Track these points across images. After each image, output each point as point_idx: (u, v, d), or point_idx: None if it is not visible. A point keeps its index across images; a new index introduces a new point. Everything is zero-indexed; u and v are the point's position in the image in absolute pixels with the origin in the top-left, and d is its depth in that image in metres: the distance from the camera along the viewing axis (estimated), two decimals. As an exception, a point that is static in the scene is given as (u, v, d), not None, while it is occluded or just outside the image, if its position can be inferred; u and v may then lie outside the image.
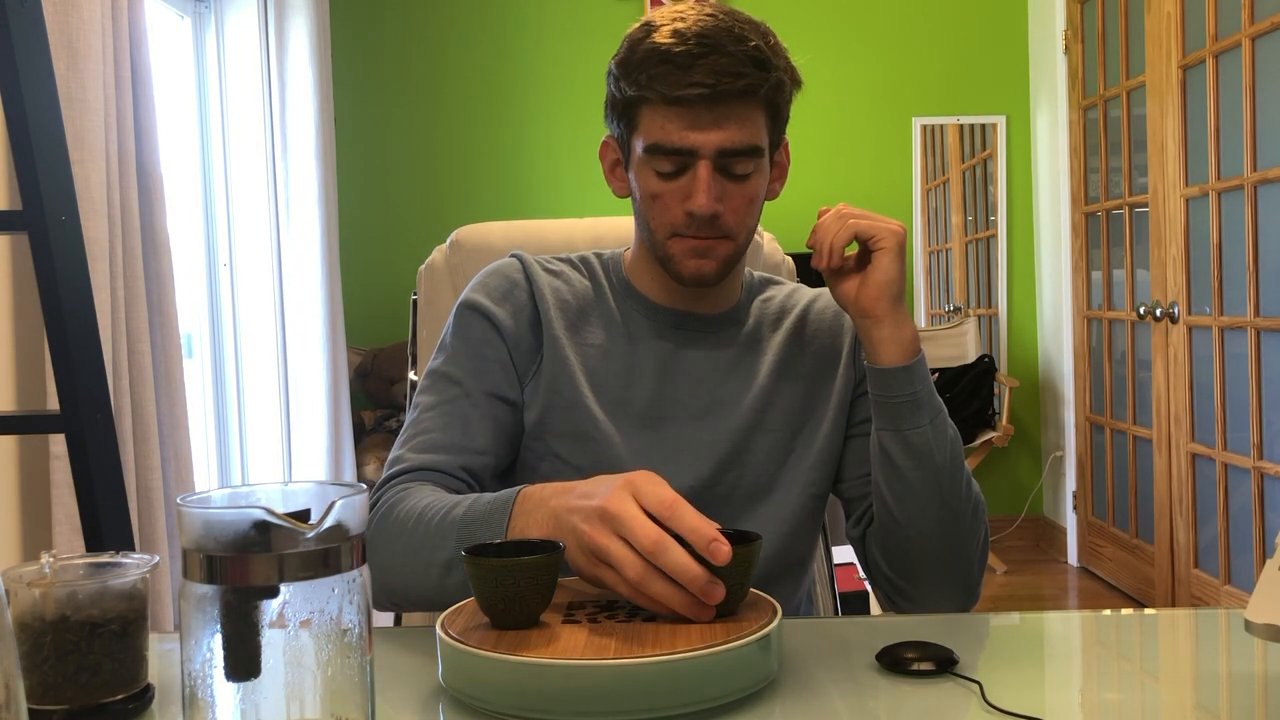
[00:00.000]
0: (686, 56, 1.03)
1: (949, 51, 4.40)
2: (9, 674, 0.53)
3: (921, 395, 1.07)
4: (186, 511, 0.57)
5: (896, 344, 1.07)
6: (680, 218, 1.08)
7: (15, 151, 1.37)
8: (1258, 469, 2.88)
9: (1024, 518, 4.42)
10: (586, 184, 4.39)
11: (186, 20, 3.35)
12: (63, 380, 1.39)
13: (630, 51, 1.07)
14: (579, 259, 1.23)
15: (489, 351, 1.14)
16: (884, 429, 1.08)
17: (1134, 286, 3.63)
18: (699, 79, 1.03)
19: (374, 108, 4.37)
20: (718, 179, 1.07)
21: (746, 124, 1.06)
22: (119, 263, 2.24)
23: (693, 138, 1.05)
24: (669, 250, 1.11)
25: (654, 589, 0.79)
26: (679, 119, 1.05)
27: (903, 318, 1.07)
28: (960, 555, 1.09)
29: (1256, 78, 2.84)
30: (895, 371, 1.06)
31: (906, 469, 1.06)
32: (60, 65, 2.05)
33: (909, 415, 1.06)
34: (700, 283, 1.12)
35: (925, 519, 1.07)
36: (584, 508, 0.84)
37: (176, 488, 2.50)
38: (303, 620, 0.58)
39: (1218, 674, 0.87)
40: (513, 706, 0.75)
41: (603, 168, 1.18)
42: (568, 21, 4.38)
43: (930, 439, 1.06)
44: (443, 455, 1.08)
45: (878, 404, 1.08)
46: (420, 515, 0.99)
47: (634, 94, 1.07)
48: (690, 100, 1.03)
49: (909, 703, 0.79)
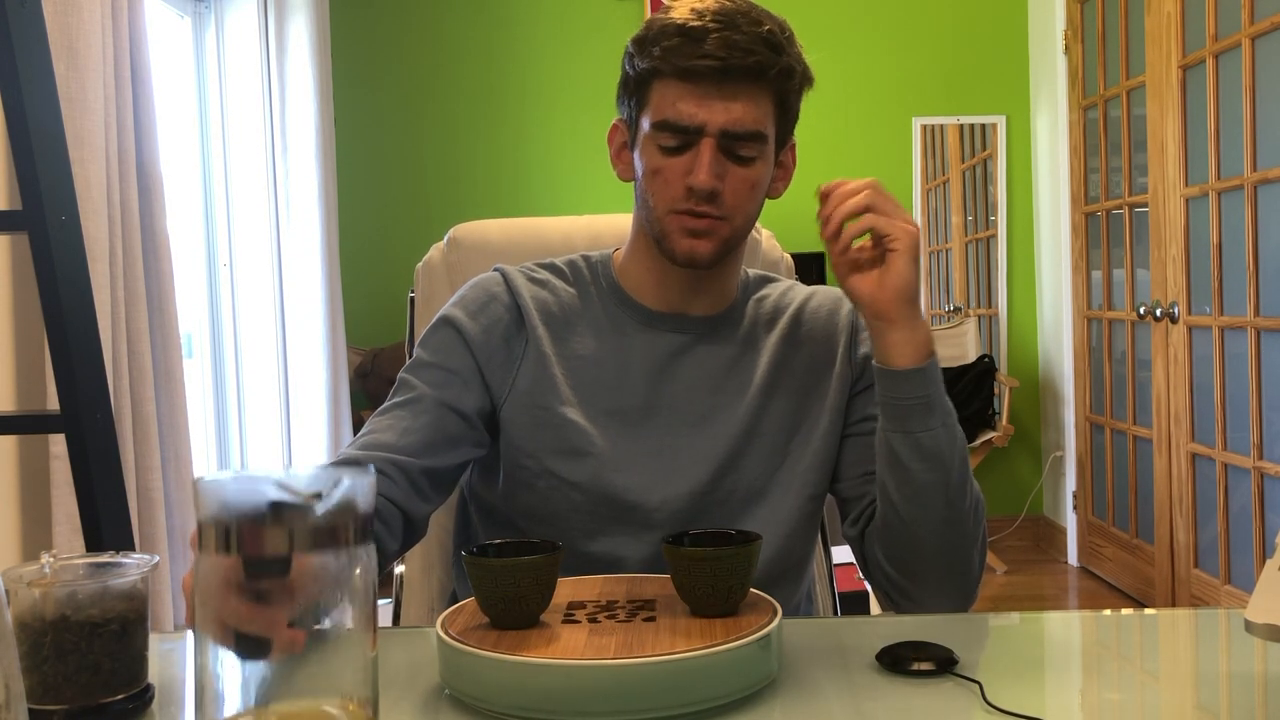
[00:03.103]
0: (701, 30, 1.05)
1: (949, 51, 4.40)
2: (9, 674, 0.53)
3: (934, 397, 1.06)
4: (203, 485, 0.58)
5: (911, 346, 1.06)
6: (680, 192, 1.08)
7: (15, 151, 1.37)
8: (1258, 469, 2.88)
9: (1024, 518, 4.42)
10: (584, 182, 4.39)
11: (186, 20, 3.35)
12: (63, 380, 1.39)
13: (648, 29, 1.10)
14: (566, 264, 1.22)
15: (451, 363, 1.14)
16: (893, 430, 1.07)
17: (1134, 286, 3.63)
18: (710, 50, 1.04)
19: (374, 107, 4.37)
20: (720, 159, 1.07)
21: (752, 107, 1.07)
22: (119, 263, 2.24)
23: (700, 114, 1.06)
24: (665, 226, 1.10)
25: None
26: (688, 95, 1.06)
27: (917, 320, 1.06)
28: (963, 554, 1.09)
29: (1256, 78, 2.84)
30: (909, 374, 1.05)
31: (917, 471, 1.05)
32: (60, 65, 2.04)
33: (920, 417, 1.05)
34: (692, 263, 1.11)
35: (931, 519, 1.06)
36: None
37: (176, 488, 2.49)
38: (311, 596, 0.59)
39: (1218, 674, 0.87)
40: (513, 706, 0.75)
41: (609, 151, 1.18)
42: (567, 21, 4.38)
43: (942, 441, 1.06)
44: (379, 452, 1.08)
45: (887, 405, 1.07)
46: None
47: (646, 67, 1.08)
48: (700, 73, 1.05)
49: (909, 703, 0.79)
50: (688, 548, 0.84)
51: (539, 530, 1.12)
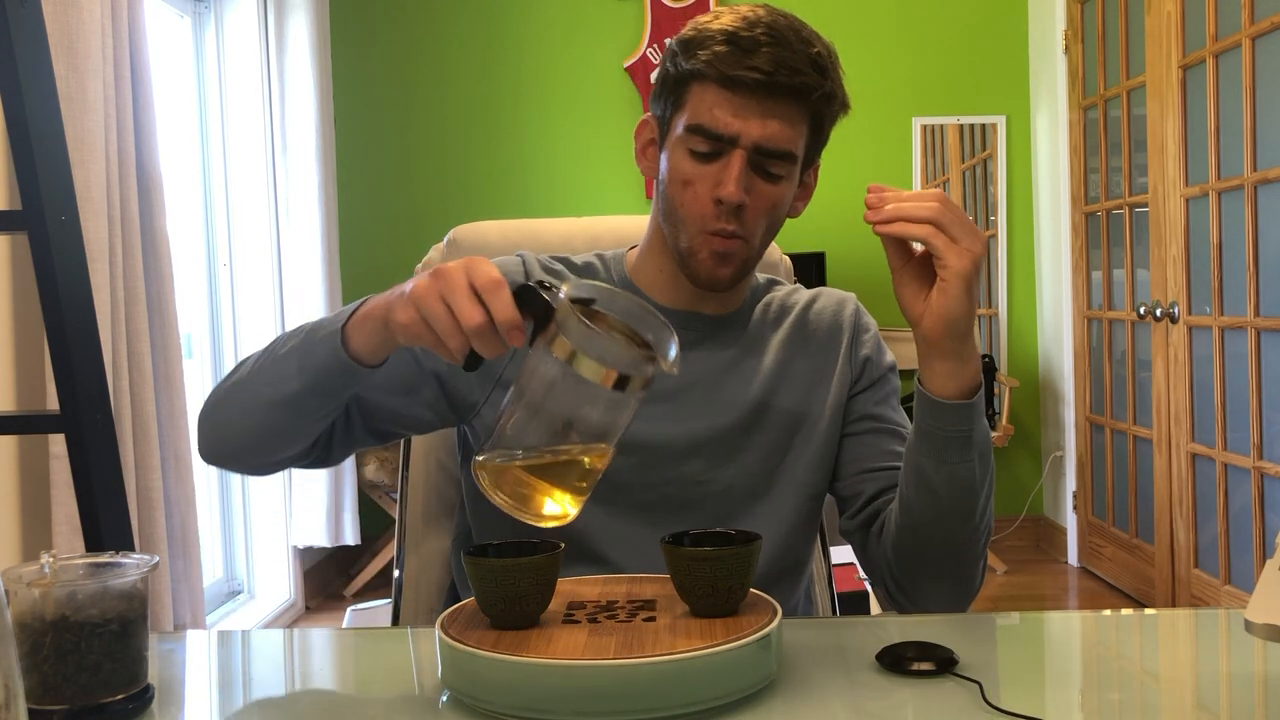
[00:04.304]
0: (751, 41, 1.04)
1: (949, 51, 4.40)
2: (9, 674, 0.53)
3: (976, 432, 1.03)
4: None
5: (955, 380, 1.01)
6: (710, 210, 1.07)
7: (15, 151, 1.37)
8: (1258, 469, 2.88)
9: (1024, 518, 4.42)
10: (584, 183, 4.39)
11: (186, 20, 3.35)
12: (63, 380, 1.39)
13: (696, 30, 1.08)
14: (582, 262, 1.22)
15: None
16: (927, 456, 1.03)
17: (1134, 286, 3.63)
18: (758, 64, 1.03)
19: (374, 107, 4.37)
20: (748, 173, 1.06)
21: (788, 126, 1.06)
22: (119, 263, 2.24)
23: (735, 125, 1.05)
24: (694, 244, 1.09)
25: (462, 307, 0.84)
26: (727, 103, 1.05)
27: (966, 353, 1.00)
28: (970, 565, 1.10)
29: (1256, 78, 2.84)
30: (954, 407, 1.01)
31: (945, 497, 1.04)
32: (60, 65, 2.05)
33: (959, 450, 1.03)
34: (712, 286, 1.12)
35: (951, 532, 1.06)
36: (425, 274, 0.88)
37: (176, 488, 2.50)
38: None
39: (1218, 674, 0.87)
40: (513, 706, 0.75)
41: (635, 145, 1.18)
42: (567, 21, 4.38)
43: (976, 474, 1.04)
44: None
45: (925, 432, 1.03)
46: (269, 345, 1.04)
47: (689, 68, 1.07)
48: (744, 84, 1.04)
49: (909, 703, 0.79)
50: (688, 548, 0.84)
51: None
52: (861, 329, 1.22)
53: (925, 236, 0.95)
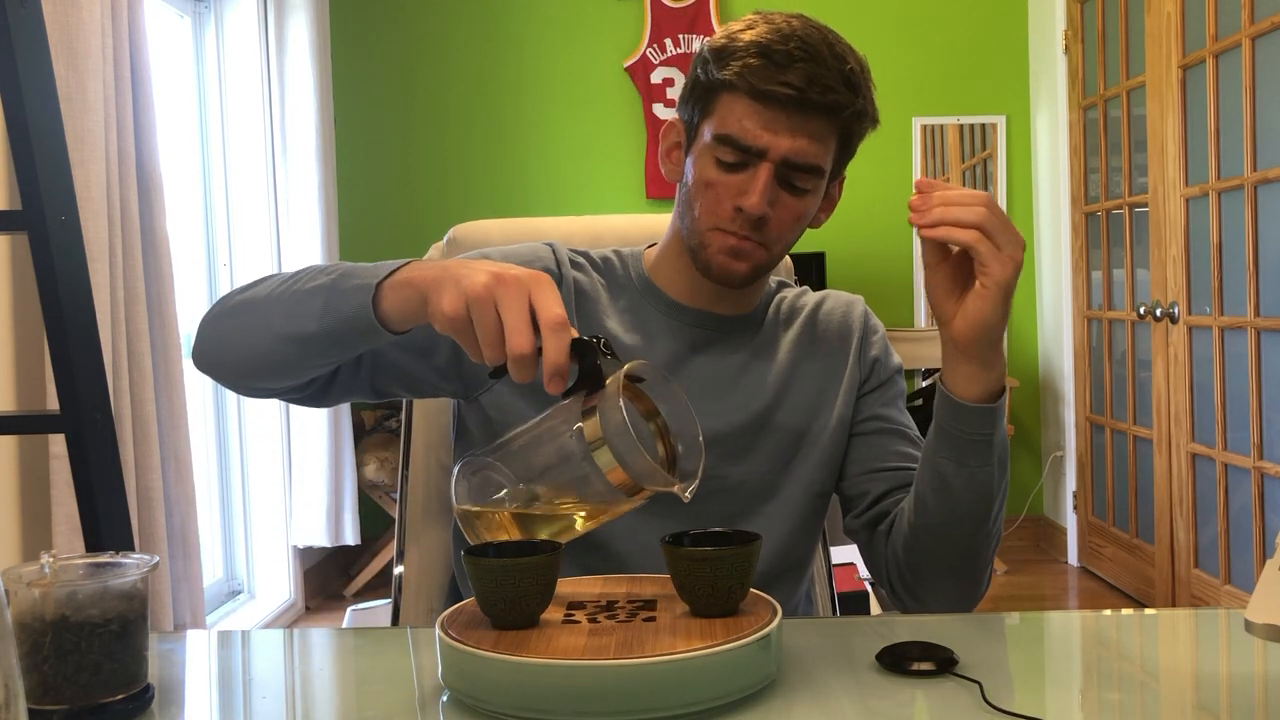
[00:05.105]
0: (784, 56, 1.03)
1: (949, 51, 4.40)
2: (9, 674, 0.53)
3: (997, 436, 1.04)
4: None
5: (979, 384, 1.02)
6: (728, 211, 1.07)
7: (15, 151, 1.37)
8: (1258, 469, 2.88)
9: (1024, 518, 4.42)
10: (584, 182, 4.39)
11: (186, 20, 3.35)
12: (63, 380, 1.39)
13: (729, 39, 1.07)
14: (600, 257, 1.22)
15: None
16: (948, 459, 1.04)
17: (1134, 286, 3.63)
18: (791, 80, 1.03)
19: (373, 107, 4.37)
20: (774, 185, 1.06)
21: (817, 141, 1.06)
22: (119, 263, 2.24)
23: (765, 138, 1.04)
24: (706, 240, 1.09)
25: (516, 329, 0.80)
26: (757, 116, 1.04)
27: (993, 360, 1.01)
28: (983, 564, 1.10)
29: (1256, 78, 2.84)
30: (976, 410, 1.02)
31: (963, 500, 1.04)
32: (60, 65, 2.05)
33: (980, 453, 1.03)
34: (725, 281, 1.11)
35: (966, 535, 1.07)
36: (483, 266, 0.84)
37: (176, 488, 2.50)
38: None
39: (1218, 674, 0.87)
40: (513, 706, 0.75)
41: (660, 147, 1.17)
42: (567, 21, 4.38)
43: (994, 477, 1.04)
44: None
45: (947, 433, 1.03)
46: (292, 275, 0.98)
47: (720, 78, 1.06)
48: (775, 98, 1.03)
49: (909, 703, 0.79)
50: (688, 548, 0.84)
51: None
52: (870, 330, 1.23)
53: (971, 243, 0.94)
